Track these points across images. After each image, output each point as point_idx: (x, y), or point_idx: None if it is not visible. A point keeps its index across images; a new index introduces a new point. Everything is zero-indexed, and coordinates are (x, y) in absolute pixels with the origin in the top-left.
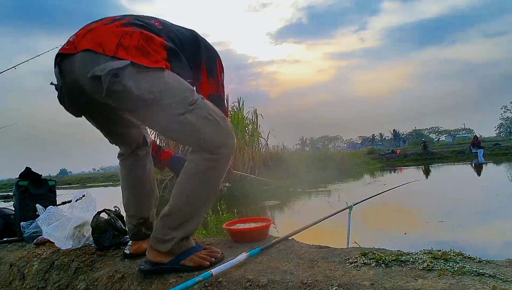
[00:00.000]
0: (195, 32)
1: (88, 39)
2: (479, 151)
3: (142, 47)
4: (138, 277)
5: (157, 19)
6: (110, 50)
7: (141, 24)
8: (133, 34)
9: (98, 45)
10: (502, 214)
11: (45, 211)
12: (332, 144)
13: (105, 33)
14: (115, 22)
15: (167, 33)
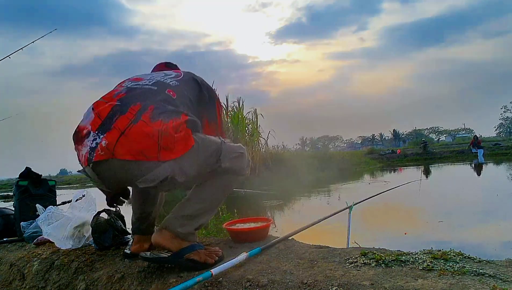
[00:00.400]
0: (197, 79)
1: (126, 147)
2: (479, 151)
3: (178, 140)
4: (138, 277)
5: (170, 86)
6: (153, 157)
7: (165, 110)
8: (167, 132)
9: (139, 154)
10: (502, 214)
11: (45, 211)
12: (332, 144)
13: (141, 138)
14: (142, 118)
15: (181, 100)
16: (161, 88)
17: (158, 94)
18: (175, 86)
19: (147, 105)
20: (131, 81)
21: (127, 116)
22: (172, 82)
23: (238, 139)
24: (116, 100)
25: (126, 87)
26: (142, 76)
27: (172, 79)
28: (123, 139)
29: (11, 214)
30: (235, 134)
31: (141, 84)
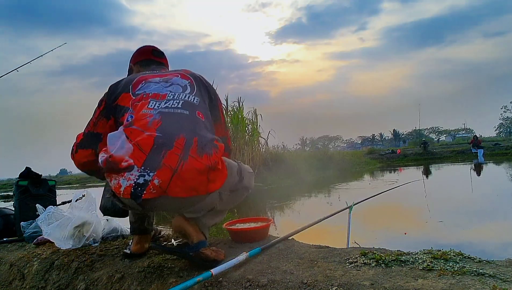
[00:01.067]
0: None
1: (180, 186)
2: (479, 151)
3: (222, 170)
4: (138, 277)
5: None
6: (203, 191)
7: (206, 142)
8: (214, 166)
9: (192, 190)
10: (502, 214)
11: (45, 211)
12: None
13: (194, 176)
14: (191, 154)
15: (207, 119)
16: (192, 112)
17: (193, 120)
18: (199, 104)
19: (191, 137)
20: (156, 100)
21: (175, 152)
22: (195, 99)
23: (238, 138)
24: (155, 131)
25: (157, 111)
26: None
27: (191, 95)
28: (176, 178)
29: (11, 214)
30: (235, 134)
31: (170, 107)
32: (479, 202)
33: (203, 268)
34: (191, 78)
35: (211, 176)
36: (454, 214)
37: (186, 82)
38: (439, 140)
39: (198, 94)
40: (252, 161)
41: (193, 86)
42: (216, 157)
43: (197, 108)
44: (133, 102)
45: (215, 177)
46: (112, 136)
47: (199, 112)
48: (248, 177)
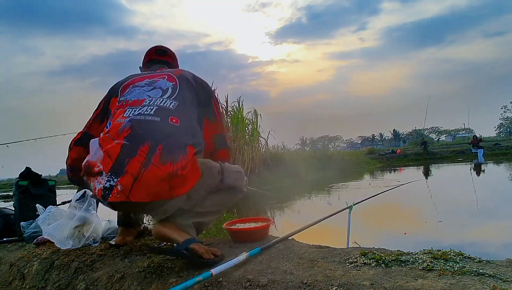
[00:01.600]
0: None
1: (141, 192)
2: (479, 151)
3: (187, 176)
4: (138, 277)
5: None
6: (166, 196)
7: (173, 148)
8: (177, 173)
9: (154, 196)
10: (502, 214)
11: (45, 211)
12: (332, 144)
13: (154, 183)
14: (152, 162)
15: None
16: (164, 118)
17: (163, 127)
18: (176, 108)
19: (155, 145)
20: (133, 107)
21: (138, 159)
22: (171, 104)
23: (238, 138)
24: (124, 139)
25: (130, 119)
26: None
27: (169, 99)
28: (137, 184)
29: (11, 214)
30: (235, 134)
31: (143, 114)
32: (479, 202)
33: (196, 264)
34: (177, 79)
35: (173, 183)
36: (454, 214)
37: (169, 85)
38: (439, 140)
39: (179, 97)
40: (252, 161)
41: (175, 89)
42: (182, 163)
43: (171, 114)
44: (115, 109)
45: (178, 183)
46: (91, 143)
47: (173, 118)
48: (233, 177)
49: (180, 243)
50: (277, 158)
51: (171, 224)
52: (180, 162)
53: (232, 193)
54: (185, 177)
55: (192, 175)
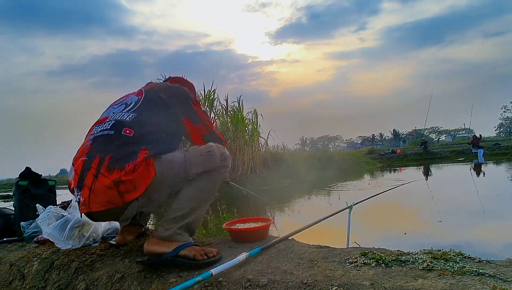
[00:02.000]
0: (160, 94)
1: (96, 201)
2: (479, 151)
3: (137, 179)
4: (138, 277)
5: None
6: (119, 202)
7: (121, 156)
8: (122, 179)
9: (107, 204)
10: (502, 214)
11: (45, 211)
12: (332, 144)
13: (104, 192)
14: (101, 172)
15: (141, 132)
16: (117, 130)
17: (115, 139)
18: (132, 119)
19: (104, 156)
20: (98, 125)
21: (91, 172)
22: (129, 116)
23: (238, 138)
24: (85, 155)
25: (93, 136)
26: (108, 112)
27: (129, 112)
28: (92, 195)
29: (11, 214)
30: (235, 134)
31: (102, 129)
32: (479, 202)
33: (190, 267)
34: (144, 93)
35: (121, 189)
36: (454, 214)
37: (134, 99)
38: (439, 140)
39: (140, 109)
40: (252, 161)
41: (138, 102)
42: (128, 168)
43: (126, 125)
44: (89, 130)
45: (127, 188)
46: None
47: (127, 129)
48: (198, 162)
49: (167, 253)
50: (277, 158)
51: (154, 239)
52: (126, 168)
53: (207, 178)
54: (133, 181)
55: (142, 177)
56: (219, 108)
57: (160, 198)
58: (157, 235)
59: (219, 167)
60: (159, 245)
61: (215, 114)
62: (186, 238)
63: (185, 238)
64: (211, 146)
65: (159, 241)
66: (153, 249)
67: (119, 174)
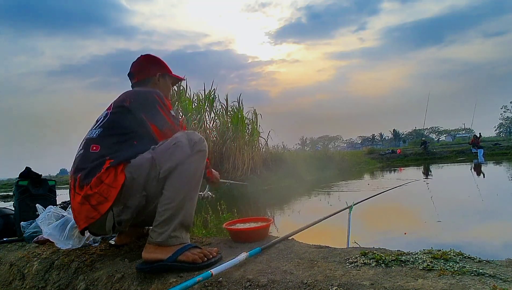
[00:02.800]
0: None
1: (79, 219)
2: (479, 151)
3: (105, 189)
4: (138, 277)
5: (93, 140)
6: (96, 215)
7: (88, 173)
8: (89, 193)
9: (87, 219)
10: (502, 214)
11: (45, 211)
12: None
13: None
14: (76, 191)
15: (107, 145)
16: (86, 149)
17: (85, 157)
18: (98, 135)
19: (76, 176)
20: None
21: (71, 193)
22: (96, 132)
23: (238, 138)
24: (70, 177)
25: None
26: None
27: (97, 129)
28: (75, 214)
29: (11, 214)
30: (235, 134)
31: (78, 150)
32: (479, 202)
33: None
34: (112, 105)
35: (93, 202)
36: (454, 214)
37: (104, 114)
38: (439, 140)
39: (105, 123)
40: (252, 161)
41: (106, 116)
42: (93, 182)
43: (93, 142)
44: None
45: (98, 200)
46: None
47: (94, 145)
48: (165, 158)
49: (164, 260)
50: (277, 158)
51: (151, 246)
52: (91, 182)
53: (184, 171)
54: (101, 192)
55: (111, 186)
56: (219, 108)
57: (137, 203)
58: (152, 241)
59: (191, 155)
60: (156, 253)
61: (215, 114)
62: (183, 240)
63: (182, 240)
64: (176, 137)
65: (156, 248)
66: (150, 257)
67: (85, 189)
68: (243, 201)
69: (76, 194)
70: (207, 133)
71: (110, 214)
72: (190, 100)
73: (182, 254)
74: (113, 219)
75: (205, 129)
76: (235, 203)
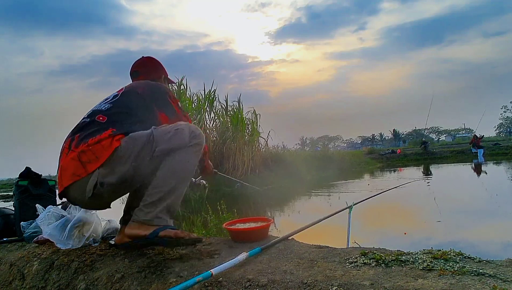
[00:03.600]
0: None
1: (64, 177)
2: (479, 151)
3: (99, 149)
4: (138, 277)
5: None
6: (82, 173)
7: (88, 133)
8: (85, 149)
9: (72, 176)
10: (502, 214)
11: (45, 211)
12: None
13: (69, 164)
14: (71, 148)
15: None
16: (92, 117)
17: (89, 123)
18: (107, 109)
19: (75, 136)
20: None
21: (64, 152)
22: (105, 106)
23: (238, 138)
24: (64, 142)
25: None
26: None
27: (106, 104)
28: (61, 171)
29: (11, 214)
30: (235, 134)
31: (82, 119)
32: (479, 202)
33: (173, 245)
34: (124, 89)
35: (83, 159)
36: (454, 214)
37: (114, 94)
38: (439, 140)
39: (116, 101)
40: (252, 161)
41: (116, 96)
42: (91, 141)
43: (100, 113)
44: None
45: (89, 158)
46: None
47: (101, 116)
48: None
49: (147, 236)
50: (277, 158)
51: (135, 224)
52: (91, 140)
53: (178, 158)
54: (94, 151)
55: (104, 148)
56: (219, 108)
57: (124, 170)
58: (137, 219)
59: (188, 145)
60: (139, 229)
61: (215, 114)
62: (167, 222)
63: (166, 222)
64: (179, 124)
65: (140, 225)
66: (133, 233)
67: (81, 146)
68: (243, 201)
69: (70, 151)
70: (207, 133)
71: (95, 173)
72: (190, 100)
73: (164, 231)
74: (96, 179)
75: (205, 129)
76: (235, 203)
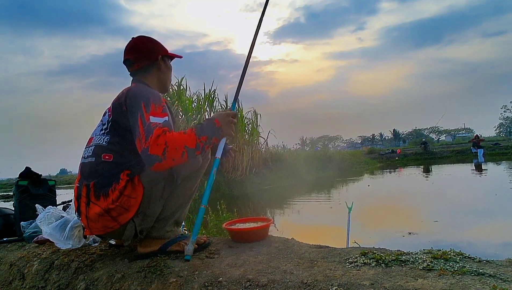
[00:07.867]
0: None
1: (94, 227)
2: (479, 151)
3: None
4: (138, 277)
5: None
6: (115, 225)
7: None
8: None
9: (105, 228)
10: (502, 214)
11: (45, 211)
12: (332, 144)
13: (97, 219)
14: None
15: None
16: (98, 156)
17: (97, 166)
18: (108, 143)
19: (89, 183)
20: (87, 146)
21: (83, 200)
22: (105, 139)
23: (238, 138)
24: (77, 182)
25: (81, 162)
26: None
27: (104, 135)
28: (89, 222)
29: (11, 214)
30: (235, 133)
31: (85, 157)
32: (479, 202)
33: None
34: (112, 108)
35: (113, 214)
36: (454, 214)
37: (106, 118)
38: (439, 140)
39: (111, 129)
40: (252, 161)
41: (108, 122)
42: (113, 196)
43: (104, 151)
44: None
45: (119, 211)
46: None
47: (106, 155)
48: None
49: (156, 251)
50: (277, 157)
51: (147, 240)
52: (111, 196)
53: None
54: (122, 205)
55: (131, 197)
56: (219, 108)
57: (156, 210)
58: (150, 235)
59: (202, 163)
60: (150, 246)
61: None
62: (174, 233)
63: (174, 234)
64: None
65: (151, 241)
66: (144, 251)
67: (106, 202)
68: (243, 201)
69: (92, 203)
70: None
71: (130, 224)
72: (190, 100)
73: (172, 245)
74: (134, 229)
75: None
76: (235, 203)
